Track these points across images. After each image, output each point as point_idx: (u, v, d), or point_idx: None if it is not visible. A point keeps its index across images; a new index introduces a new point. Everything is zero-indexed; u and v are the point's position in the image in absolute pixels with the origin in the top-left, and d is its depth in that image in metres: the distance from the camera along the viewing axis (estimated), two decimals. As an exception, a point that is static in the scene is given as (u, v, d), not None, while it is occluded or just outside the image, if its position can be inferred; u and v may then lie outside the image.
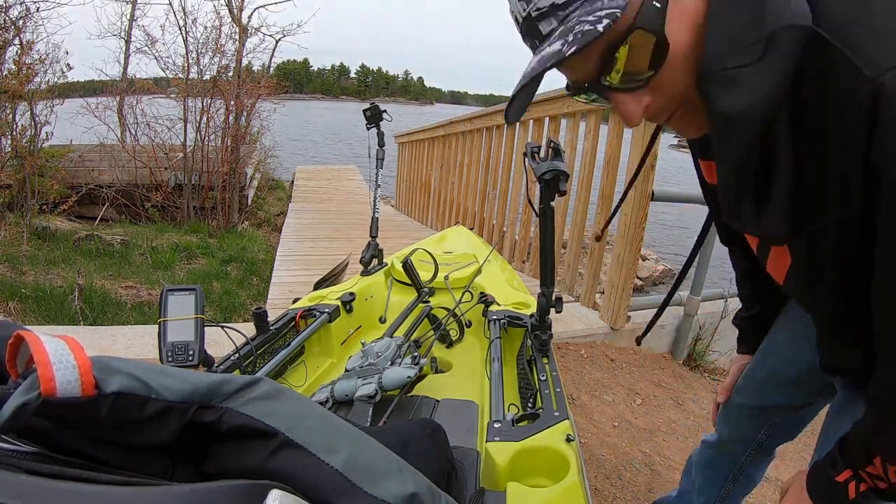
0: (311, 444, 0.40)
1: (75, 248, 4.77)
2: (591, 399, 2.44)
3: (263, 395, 0.42)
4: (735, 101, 0.56)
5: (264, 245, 5.81)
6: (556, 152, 1.09)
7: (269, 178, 9.44)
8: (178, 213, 6.48)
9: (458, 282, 1.66)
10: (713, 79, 0.57)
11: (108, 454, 0.38)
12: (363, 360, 1.09)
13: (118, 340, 2.32)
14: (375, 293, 1.65)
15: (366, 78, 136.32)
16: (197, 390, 0.40)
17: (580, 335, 2.82)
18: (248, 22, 7.35)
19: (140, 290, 4.05)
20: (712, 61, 0.57)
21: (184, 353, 0.91)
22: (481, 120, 4.61)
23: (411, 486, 0.42)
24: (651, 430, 2.37)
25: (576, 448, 0.82)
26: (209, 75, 6.77)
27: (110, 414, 0.36)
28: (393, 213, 7.23)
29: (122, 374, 0.37)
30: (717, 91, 0.57)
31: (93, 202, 6.28)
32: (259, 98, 7.41)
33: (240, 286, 4.43)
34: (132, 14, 8.39)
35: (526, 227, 3.97)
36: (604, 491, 1.94)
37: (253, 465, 0.39)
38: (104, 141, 6.93)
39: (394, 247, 2.15)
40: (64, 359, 0.34)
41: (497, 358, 1.17)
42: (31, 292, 3.52)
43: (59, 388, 0.34)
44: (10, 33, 5.01)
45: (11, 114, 4.99)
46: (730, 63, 0.55)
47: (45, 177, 5.30)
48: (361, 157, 2.44)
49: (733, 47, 0.55)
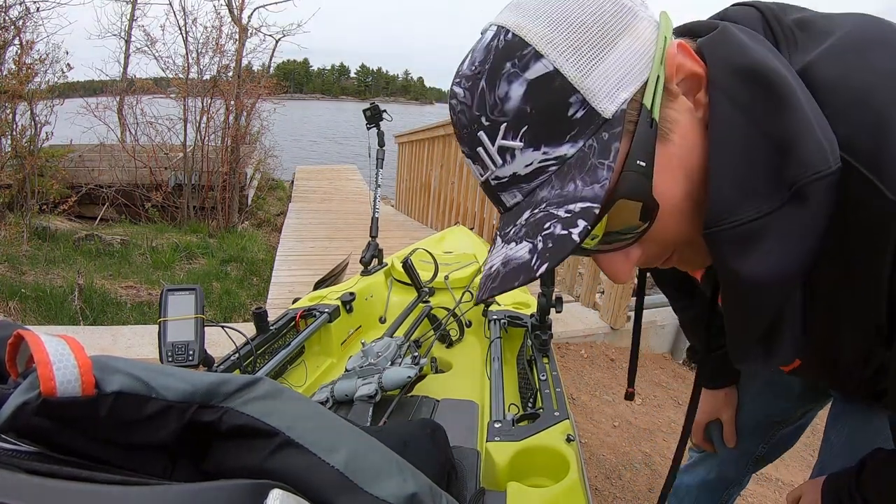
0: (312, 444, 0.40)
1: (75, 247, 4.77)
2: (591, 399, 2.44)
3: (264, 395, 0.42)
4: (758, 266, 0.47)
5: (264, 245, 5.81)
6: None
7: (268, 178, 9.44)
8: (177, 213, 6.48)
9: (458, 282, 1.66)
10: (724, 235, 0.47)
11: (108, 454, 0.38)
12: (363, 360, 1.09)
13: (118, 340, 2.32)
14: (375, 293, 1.65)
15: (366, 78, 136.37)
16: (197, 390, 0.40)
17: (580, 335, 2.82)
18: (248, 22, 7.35)
19: (140, 289, 4.05)
20: (720, 213, 0.46)
21: (184, 352, 0.91)
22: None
23: (412, 486, 0.42)
24: (651, 430, 2.37)
25: (576, 448, 0.82)
26: (209, 75, 6.78)
27: (110, 413, 0.36)
28: (393, 213, 7.23)
29: (123, 373, 0.37)
30: (733, 251, 0.47)
31: (93, 202, 6.28)
32: (259, 98, 7.41)
33: (240, 286, 4.43)
34: (132, 14, 8.39)
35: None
36: (604, 491, 1.94)
37: (253, 465, 0.39)
38: (104, 141, 6.92)
39: (394, 247, 2.16)
40: (64, 358, 0.34)
41: (497, 358, 1.17)
42: (31, 292, 3.52)
43: (59, 387, 0.34)
44: (10, 33, 5.01)
45: (11, 114, 4.99)
46: (744, 213, 0.45)
47: (45, 177, 5.30)
48: (361, 157, 2.44)
49: (747, 193, 0.46)
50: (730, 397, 1.07)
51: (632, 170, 0.45)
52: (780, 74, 0.46)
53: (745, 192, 0.45)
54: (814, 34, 0.50)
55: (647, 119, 0.45)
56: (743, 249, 0.46)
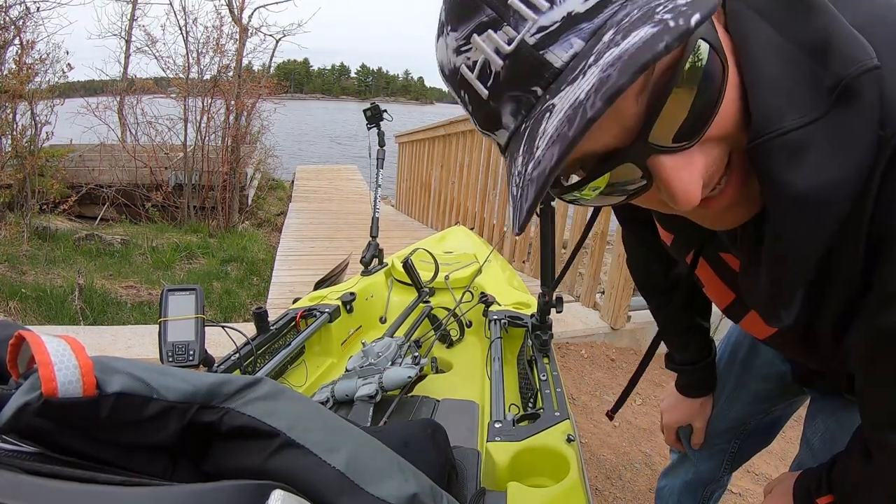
0: (313, 444, 0.40)
1: (75, 247, 4.77)
2: (591, 399, 2.44)
3: (264, 395, 0.42)
4: (811, 178, 0.41)
5: (264, 245, 5.81)
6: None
7: (269, 178, 9.45)
8: (178, 212, 6.48)
9: (458, 282, 1.66)
10: (772, 145, 0.41)
11: (109, 454, 0.38)
12: (363, 360, 1.09)
13: (118, 340, 2.32)
14: (376, 293, 1.65)
15: (366, 78, 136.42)
16: (198, 390, 0.40)
17: (580, 335, 2.82)
18: (249, 22, 7.35)
19: (140, 289, 4.05)
20: (765, 121, 0.41)
21: (184, 352, 0.91)
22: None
23: (413, 486, 0.42)
24: (651, 430, 2.36)
25: (576, 448, 0.82)
26: (209, 75, 6.78)
27: (111, 414, 0.36)
28: (393, 213, 7.23)
29: (124, 374, 0.37)
30: (782, 163, 0.41)
31: (93, 202, 6.28)
32: (259, 98, 7.41)
33: (240, 286, 4.43)
34: (132, 14, 8.40)
35: (526, 227, 3.97)
36: (604, 491, 1.94)
37: (254, 465, 0.39)
38: (104, 141, 6.93)
39: (394, 247, 2.16)
40: (65, 359, 0.34)
41: (497, 358, 1.17)
42: (32, 292, 3.52)
43: (60, 388, 0.34)
44: (11, 33, 5.01)
45: (12, 113, 4.99)
46: (790, 121, 0.40)
47: (46, 176, 5.30)
48: (362, 157, 2.44)
49: (791, 100, 0.40)
50: (705, 407, 1.08)
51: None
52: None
53: (789, 100, 0.41)
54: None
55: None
56: (793, 160, 0.40)
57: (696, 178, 0.42)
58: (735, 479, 2.27)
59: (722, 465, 1.15)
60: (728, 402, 1.06)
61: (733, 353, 1.04)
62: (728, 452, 1.13)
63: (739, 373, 1.03)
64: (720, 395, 1.06)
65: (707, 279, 0.71)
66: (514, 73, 0.39)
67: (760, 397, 1.03)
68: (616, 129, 0.40)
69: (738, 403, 1.05)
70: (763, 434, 1.11)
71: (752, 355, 1.01)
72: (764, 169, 0.42)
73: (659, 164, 0.41)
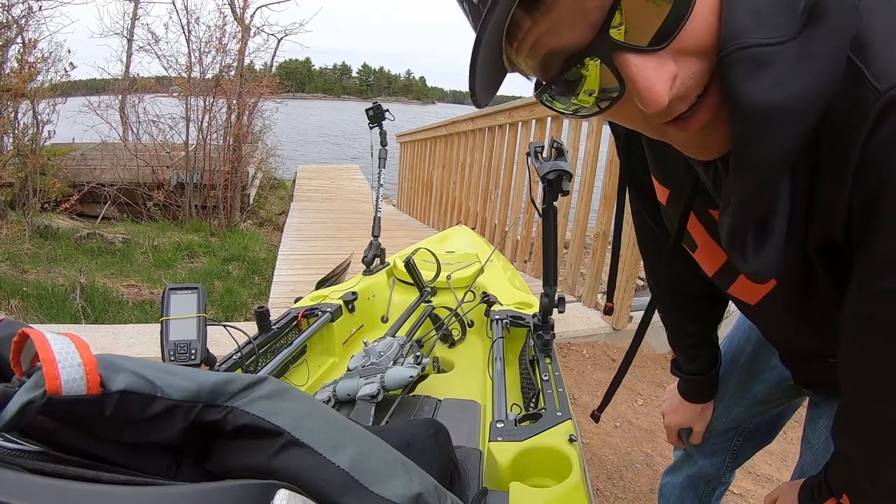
0: (317, 443, 0.40)
1: (77, 246, 4.77)
2: (592, 399, 2.43)
3: (268, 394, 0.41)
4: (768, 89, 0.41)
5: (266, 244, 5.82)
6: (559, 152, 1.09)
7: (270, 177, 9.46)
8: (179, 211, 6.49)
9: (460, 281, 1.66)
10: (738, 56, 0.41)
11: (113, 453, 0.38)
12: (365, 360, 1.09)
13: (120, 339, 2.32)
14: (377, 293, 1.65)
15: (368, 77, 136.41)
16: (202, 389, 0.40)
17: (582, 335, 2.82)
18: (251, 21, 7.35)
19: (142, 288, 4.06)
20: (734, 34, 0.41)
21: (186, 351, 0.91)
22: (483, 120, 4.60)
23: (417, 486, 0.42)
24: (653, 431, 2.36)
25: (578, 448, 0.82)
26: (211, 74, 6.78)
27: (115, 412, 0.36)
28: (395, 213, 7.23)
29: (128, 372, 0.37)
30: (745, 74, 0.41)
31: (94, 201, 6.29)
32: (261, 97, 7.42)
33: (241, 285, 4.43)
34: (135, 12, 8.42)
35: (528, 227, 3.97)
36: (605, 491, 1.94)
37: (258, 465, 0.39)
38: (106, 139, 6.94)
39: (396, 246, 2.15)
40: (69, 357, 0.34)
41: (499, 358, 1.17)
42: (33, 291, 3.52)
43: (64, 386, 0.34)
44: (13, 31, 5.02)
45: (14, 112, 5.00)
46: (753, 38, 0.40)
47: (48, 175, 5.31)
48: (363, 157, 2.44)
49: (759, 21, 0.41)
50: (706, 411, 1.08)
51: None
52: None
53: (762, 18, 0.41)
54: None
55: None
56: (755, 73, 0.41)
57: (664, 78, 0.42)
58: (736, 479, 2.27)
59: (724, 462, 1.16)
60: (729, 405, 1.07)
61: (735, 357, 1.04)
62: (730, 450, 1.14)
63: (741, 377, 1.03)
64: (721, 397, 1.07)
65: (698, 237, 0.70)
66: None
67: (761, 400, 1.03)
68: (581, 23, 0.41)
69: (739, 406, 1.05)
70: (765, 432, 1.12)
71: (754, 359, 1.02)
72: (727, 80, 0.42)
73: (625, 61, 0.41)
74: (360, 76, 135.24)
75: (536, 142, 1.14)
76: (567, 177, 1.06)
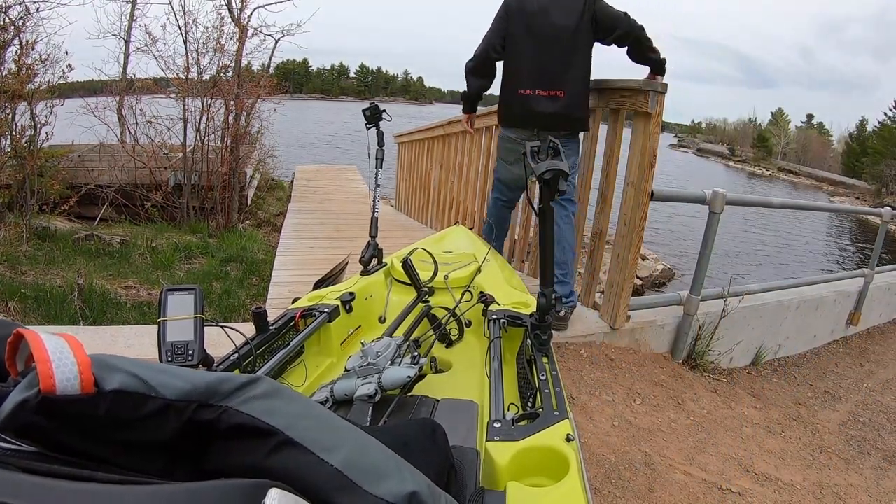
0: (311, 443, 0.40)
1: (75, 247, 4.76)
2: (590, 399, 2.44)
3: (263, 394, 0.42)
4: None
5: (264, 245, 5.81)
6: (555, 152, 1.09)
7: (268, 178, 9.44)
8: (177, 212, 6.48)
9: (457, 281, 1.66)
10: None
11: (107, 452, 0.38)
12: (363, 360, 1.09)
13: (118, 340, 2.32)
14: (375, 293, 1.65)
15: (365, 78, 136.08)
16: (196, 389, 0.40)
17: (580, 335, 2.82)
18: (248, 22, 7.34)
19: (140, 289, 4.05)
20: None
21: (183, 352, 0.91)
22: (481, 119, 4.60)
23: (411, 485, 0.42)
24: (651, 430, 2.37)
25: (576, 448, 0.82)
26: (209, 75, 6.77)
27: (109, 412, 0.36)
28: (393, 213, 7.23)
29: (122, 371, 0.37)
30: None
31: (92, 202, 6.27)
32: (259, 98, 7.40)
33: (239, 286, 4.43)
34: (132, 14, 8.39)
35: (525, 227, 3.97)
36: (603, 490, 1.94)
37: (252, 464, 0.39)
38: (104, 141, 6.92)
39: (393, 246, 2.15)
40: (63, 356, 0.34)
41: (497, 357, 1.17)
42: (31, 292, 3.52)
43: (58, 385, 0.34)
44: (10, 33, 5.01)
45: (11, 114, 4.99)
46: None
47: (45, 177, 5.29)
48: (361, 157, 2.43)
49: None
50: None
51: None
52: None
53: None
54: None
55: None
56: None
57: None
58: (735, 478, 2.27)
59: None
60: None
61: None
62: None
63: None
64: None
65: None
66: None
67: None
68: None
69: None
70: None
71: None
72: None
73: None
74: (357, 76, 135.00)
75: (533, 142, 1.14)
76: (563, 177, 1.06)
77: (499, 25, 2.60)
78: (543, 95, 2.53)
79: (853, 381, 3.92)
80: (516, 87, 2.57)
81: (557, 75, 2.51)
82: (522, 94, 2.56)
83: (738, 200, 3.56)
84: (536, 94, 2.53)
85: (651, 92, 2.53)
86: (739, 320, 3.42)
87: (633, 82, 2.64)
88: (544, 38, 2.51)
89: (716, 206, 3.08)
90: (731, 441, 2.56)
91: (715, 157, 53.04)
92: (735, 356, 3.52)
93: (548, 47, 2.51)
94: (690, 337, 3.16)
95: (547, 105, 2.53)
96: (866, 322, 4.89)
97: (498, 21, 2.61)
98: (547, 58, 2.51)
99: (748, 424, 2.81)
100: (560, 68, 2.51)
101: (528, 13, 2.53)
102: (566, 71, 2.52)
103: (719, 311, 3.25)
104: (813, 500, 2.32)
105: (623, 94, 2.72)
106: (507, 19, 2.58)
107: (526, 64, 2.55)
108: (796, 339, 4.13)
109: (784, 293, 3.93)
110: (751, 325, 3.58)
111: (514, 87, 2.58)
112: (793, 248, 14.77)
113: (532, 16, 2.53)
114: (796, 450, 2.73)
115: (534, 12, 2.52)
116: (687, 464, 2.25)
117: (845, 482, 2.55)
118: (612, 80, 2.79)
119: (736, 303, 3.33)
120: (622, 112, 2.81)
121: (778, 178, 40.95)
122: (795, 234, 16.76)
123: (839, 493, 2.43)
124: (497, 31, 2.60)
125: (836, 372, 4.03)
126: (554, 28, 2.50)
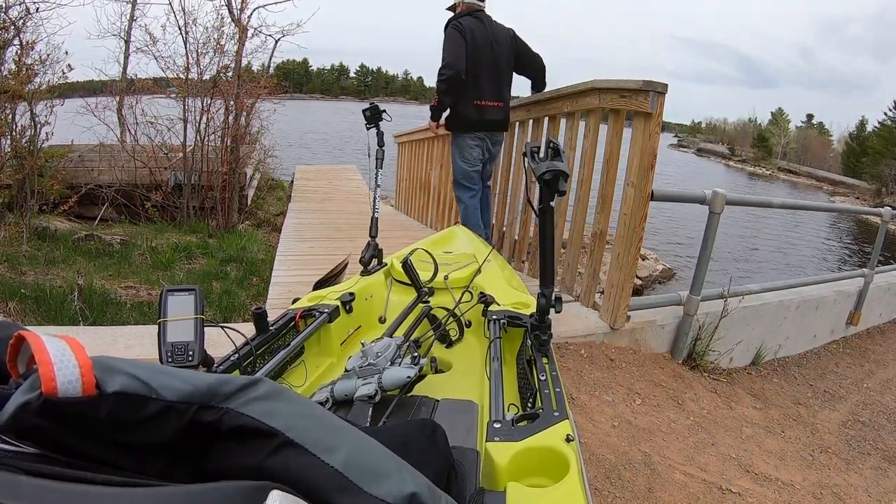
0: (311, 444, 0.40)
1: (75, 248, 4.76)
2: (590, 399, 2.44)
3: (263, 396, 0.42)
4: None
5: (264, 245, 5.81)
6: (555, 152, 1.09)
7: (268, 178, 9.44)
8: (177, 213, 6.47)
9: (457, 282, 1.66)
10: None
11: (108, 454, 0.39)
12: (363, 361, 1.09)
13: (118, 340, 2.32)
14: (375, 293, 1.65)
15: (365, 78, 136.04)
16: (197, 390, 0.40)
17: (580, 335, 2.82)
18: (248, 22, 7.33)
19: (140, 290, 4.05)
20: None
21: (183, 353, 0.91)
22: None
23: (411, 486, 0.43)
24: (650, 430, 2.37)
25: (575, 448, 0.82)
26: (209, 75, 6.77)
27: (111, 414, 0.36)
28: (393, 213, 7.23)
29: (123, 373, 0.37)
30: None
31: (92, 202, 6.27)
32: (259, 98, 7.40)
33: (239, 286, 4.43)
34: (132, 14, 8.39)
35: (525, 227, 3.97)
36: (603, 490, 1.94)
37: (252, 465, 0.39)
38: (104, 141, 6.91)
39: (393, 247, 2.15)
40: (65, 359, 0.34)
41: (497, 358, 1.17)
42: (31, 292, 3.52)
43: (60, 387, 0.34)
44: (10, 33, 5.01)
45: (11, 114, 4.98)
46: None
47: (45, 177, 5.29)
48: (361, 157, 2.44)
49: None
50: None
51: None
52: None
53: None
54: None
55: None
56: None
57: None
58: (735, 478, 2.27)
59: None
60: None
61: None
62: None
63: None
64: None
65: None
66: None
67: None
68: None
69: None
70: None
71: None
72: None
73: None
74: (357, 76, 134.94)
75: (533, 142, 1.14)
76: (563, 177, 1.06)
77: (462, 53, 3.30)
78: (492, 105, 3.47)
79: (853, 381, 3.92)
80: (474, 99, 3.44)
81: (500, 90, 3.50)
82: (479, 104, 3.45)
83: (738, 200, 3.56)
84: (489, 105, 3.47)
85: (651, 92, 2.54)
86: (739, 320, 3.43)
87: (633, 82, 2.65)
88: (494, 63, 3.42)
89: (716, 206, 3.08)
90: (730, 441, 2.56)
91: (715, 157, 53.07)
92: (735, 356, 3.52)
93: (496, 70, 3.44)
94: (690, 337, 3.16)
95: (496, 113, 3.51)
96: (866, 322, 4.90)
97: (460, 49, 3.30)
98: (496, 77, 3.46)
99: (748, 424, 2.81)
100: (503, 85, 3.53)
101: (479, 45, 3.35)
102: (505, 87, 3.55)
103: (719, 311, 3.25)
104: (813, 500, 2.32)
105: (623, 94, 2.73)
106: (465, 48, 3.30)
107: (482, 82, 3.42)
108: (796, 339, 4.13)
109: (784, 293, 3.93)
110: (751, 325, 3.58)
111: (472, 99, 3.45)
112: (792, 248, 14.78)
113: (484, 47, 3.37)
114: (796, 450, 2.73)
115: (487, 43, 3.38)
116: (687, 464, 2.25)
117: (845, 482, 2.55)
118: (612, 80, 2.80)
119: (736, 303, 3.33)
120: (622, 112, 2.81)
121: (778, 178, 40.95)
122: (795, 234, 16.76)
123: (839, 493, 2.43)
124: (462, 58, 3.31)
125: (836, 372, 4.03)
126: (499, 56, 3.43)
